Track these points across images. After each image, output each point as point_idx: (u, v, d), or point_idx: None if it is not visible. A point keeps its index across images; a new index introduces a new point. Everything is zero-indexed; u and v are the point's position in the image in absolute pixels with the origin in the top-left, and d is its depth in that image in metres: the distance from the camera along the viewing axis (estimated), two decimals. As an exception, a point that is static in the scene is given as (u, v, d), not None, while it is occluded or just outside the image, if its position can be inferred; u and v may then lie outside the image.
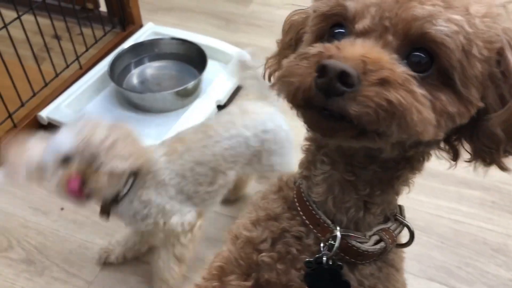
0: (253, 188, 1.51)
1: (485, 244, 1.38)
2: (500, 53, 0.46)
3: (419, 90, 0.43)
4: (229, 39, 2.14)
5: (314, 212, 0.60)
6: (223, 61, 1.93)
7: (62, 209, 1.49)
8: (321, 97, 0.43)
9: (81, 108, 1.78)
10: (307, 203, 0.61)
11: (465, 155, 0.55)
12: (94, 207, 1.48)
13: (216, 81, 1.83)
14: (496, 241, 1.39)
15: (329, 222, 0.60)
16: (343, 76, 0.41)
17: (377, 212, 0.60)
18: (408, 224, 0.63)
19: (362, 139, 0.46)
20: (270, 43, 0.74)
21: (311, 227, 0.61)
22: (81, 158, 0.96)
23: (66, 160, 0.97)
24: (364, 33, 0.46)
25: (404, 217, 0.64)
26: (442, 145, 0.55)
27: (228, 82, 1.81)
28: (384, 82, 0.41)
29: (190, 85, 1.72)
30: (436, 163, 0.59)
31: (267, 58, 0.66)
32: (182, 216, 1.14)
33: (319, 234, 0.60)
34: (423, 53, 0.45)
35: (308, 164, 0.62)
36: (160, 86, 1.87)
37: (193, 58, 1.91)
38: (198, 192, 1.15)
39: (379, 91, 0.41)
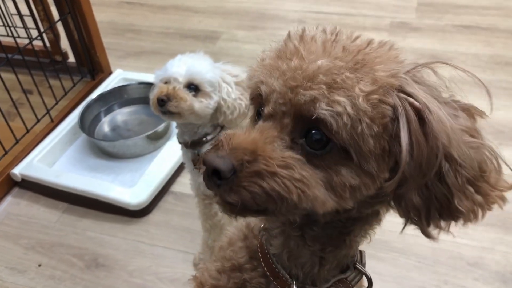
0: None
1: (462, 259, 1.39)
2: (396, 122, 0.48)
3: (303, 172, 0.47)
4: (199, 77, 2.18)
5: (274, 266, 0.63)
6: (193, 100, 1.95)
7: (39, 265, 1.48)
8: (211, 186, 0.48)
9: (54, 161, 1.79)
10: (268, 256, 0.64)
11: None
12: (71, 260, 1.47)
13: (187, 121, 1.85)
14: (471, 255, 1.40)
15: (287, 276, 0.62)
16: (216, 172, 0.46)
17: (332, 267, 0.62)
18: (366, 272, 0.65)
19: (265, 215, 0.50)
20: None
21: (271, 279, 0.63)
22: (177, 82, 1.12)
23: (166, 82, 1.14)
24: (269, 117, 0.51)
25: (364, 263, 0.66)
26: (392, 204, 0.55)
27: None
28: (258, 173, 0.46)
29: (160, 128, 1.74)
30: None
31: None
32: None
33: (279, 286, 0.63)
34: (319, 132, 0.48)
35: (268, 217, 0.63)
36: (131, 131, 1.88)
37: (163, 100, 1.93)
38: None
39: (254, 181, 0.46)
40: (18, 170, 1.71)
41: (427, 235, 0.51)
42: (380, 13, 2.66)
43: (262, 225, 0.67)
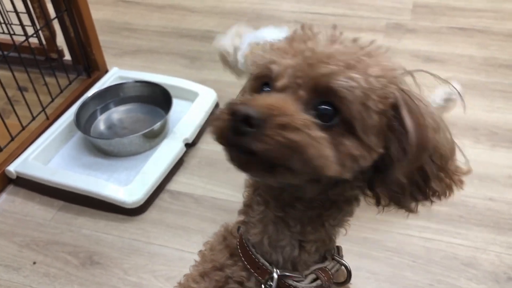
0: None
1: (455, 259, 1.40)
2: (396, 109, 0.55)
3: (318, 133, 0.51)
4: (195, 77, 2.18)
5: (253, 256, 0.65)
6: (189, 99, 1.95)
7: (34, 263, 1.48)
8: (232, 135, 0.50)
9: (49, 159, 1.79)
10: (247, 248, 0.66)
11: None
12: (66, 258, 1.47)
13: (183, 120, 1.85)
14: (465, 255, 1.41)
15: (267, 264, 0.64)
16: (247, 119, 0.48)
17: (311, 250, 0.65)
18: (345, 263, 0.69)
19: (275, 174, 0.52)
20: (234, 78, 0.79)
21: (252, 270, 0.66)
22: None
23: None
24: (282, 89, 0.54)
25: (342, 256, 0.70)
26: (367, 192, 0.62)
27: (195, 120, 1.84)
28: (284, 126, 0.49)
29: (156, 126, 1.74)
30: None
31: None
32: None
33: (259, 277, 0.65)
34: (329, 106, 0.53)
35: (246, 208, 0.68)
36: (127, 129, 1.88)
37: (159, 99, 1.93)
38: None
39: (279, 132, 0.49)
40: (13, 168, 1.70)
41: (409, 209, 0.61)
42: (376, 14, 2.67)
43: (241, 220, 0.70)
